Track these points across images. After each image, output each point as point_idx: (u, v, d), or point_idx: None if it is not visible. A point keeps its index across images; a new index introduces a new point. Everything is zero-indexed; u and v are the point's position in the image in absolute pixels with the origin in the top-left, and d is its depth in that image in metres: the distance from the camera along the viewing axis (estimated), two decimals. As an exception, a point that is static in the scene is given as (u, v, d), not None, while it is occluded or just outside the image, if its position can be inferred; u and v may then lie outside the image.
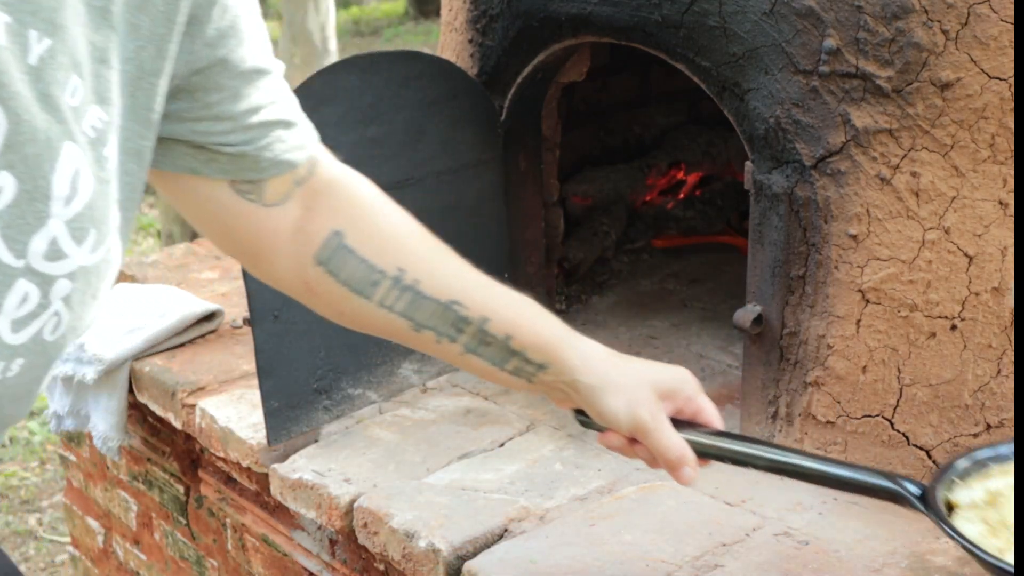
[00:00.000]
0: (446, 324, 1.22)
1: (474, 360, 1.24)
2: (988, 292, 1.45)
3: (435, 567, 1.42)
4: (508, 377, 1.25)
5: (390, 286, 1.21)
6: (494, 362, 1.24)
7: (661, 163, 2.57)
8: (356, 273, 1.20)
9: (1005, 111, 1.39)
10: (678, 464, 1.20)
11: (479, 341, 1.22)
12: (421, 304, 1.21)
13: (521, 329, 1.22)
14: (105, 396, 2.08)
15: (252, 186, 1.12)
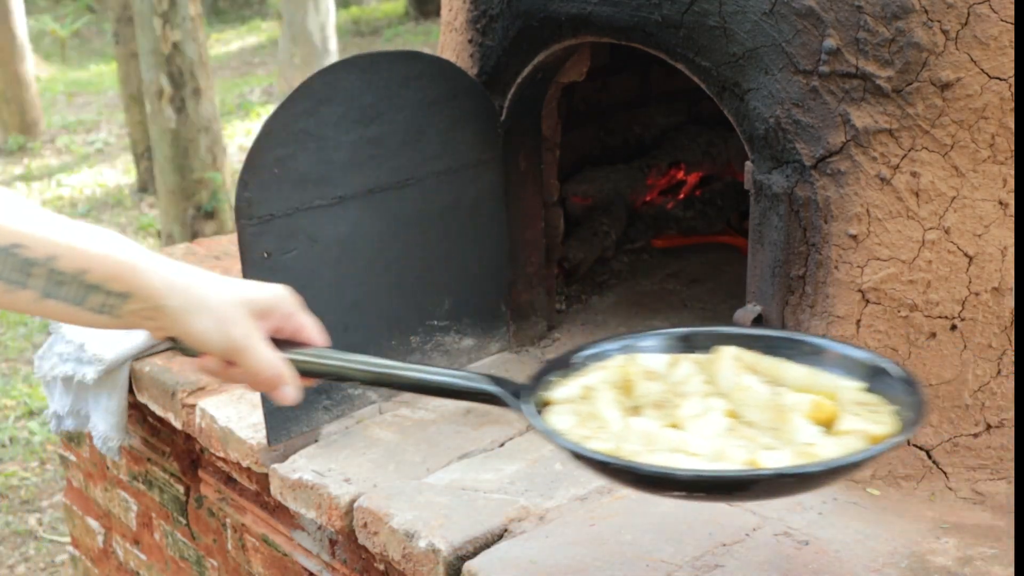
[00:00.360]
0: (10, 270, 1.12)
1: (52, 304, 1.15)
2: (988, 292, 1.45)
3: (435, 567, 1.42)
4: (93, 316, 1.16)
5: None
6: (73, 301, 1.15)
7: (661, 163, 2.57)
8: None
9: (1005, 111, 1.39)
10: (275, 383, 1.17)
11: (52, 282, 1.14)
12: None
13: (94, 261, 1.15)
14: (105, 396, 2.08)
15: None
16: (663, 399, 1.28)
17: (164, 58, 5.63)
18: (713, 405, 1.25)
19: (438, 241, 1.87)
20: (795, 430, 1.19)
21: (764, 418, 1.23)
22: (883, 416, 1.18)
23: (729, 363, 1.30)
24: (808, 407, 1.22)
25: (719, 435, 1.21)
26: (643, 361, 1.33)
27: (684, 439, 1.19)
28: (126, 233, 6.32)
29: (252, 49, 11.72)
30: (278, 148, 1.63)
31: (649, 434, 1.20)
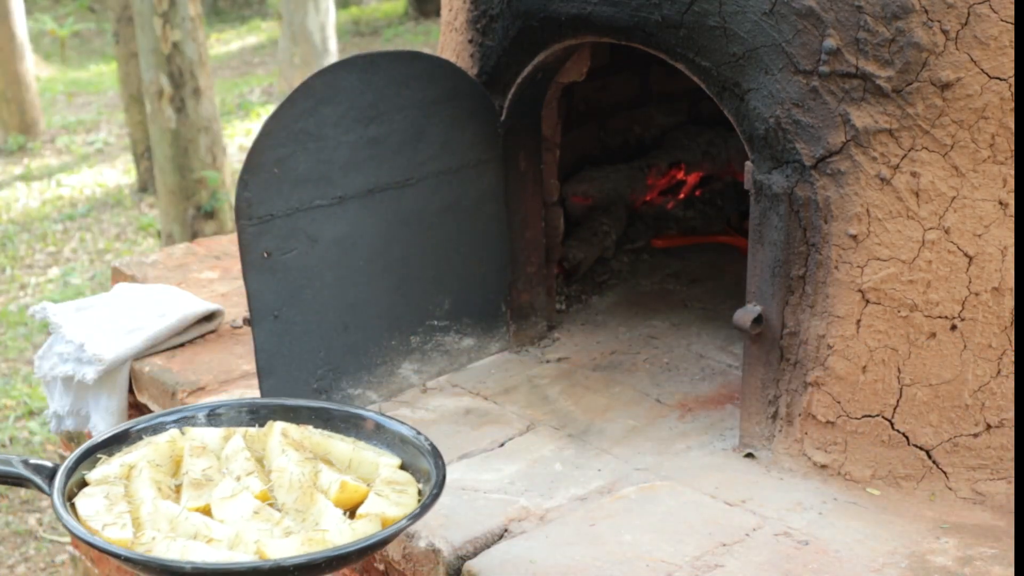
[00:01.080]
0: None
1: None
2: (988, 292, 1.45)
3: (435, 567, 1.42)
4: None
5: None
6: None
7: (661, 163, 2.57)
8: None
9: (1005, 111, 1.39)
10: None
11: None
12: None
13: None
14: (105, 396, 2.08)
15: None
16: (205, 477, 1.27)
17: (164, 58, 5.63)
18: (248, 485, 1.25)
19: (438, 241, 1.87)
20: (320, 513, 1.21)
21: (293, 499, 1.24)
22: (407, 496, 1.22)
23: (276, 439, 1.30)
24: (336, 489, 1.24)
25: (246, 518, 1.20)
26: (194, 435, 1.33)
27: (207, 524, 1.18)
28: (126, 233, 6.33)
29: (252, 49, 11.72)
30: (278, 148, 1.63)
31: (173, 518, 1.18)
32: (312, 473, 1.26)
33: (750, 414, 1.62)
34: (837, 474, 1.54)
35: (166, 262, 2.58)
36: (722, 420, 1.74)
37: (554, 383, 1.90)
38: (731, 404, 1.78)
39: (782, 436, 1.58)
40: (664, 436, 1.71)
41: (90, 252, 6.01)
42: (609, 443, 1.69)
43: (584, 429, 1.73)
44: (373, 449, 1.31)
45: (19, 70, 8.12)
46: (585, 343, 2.05)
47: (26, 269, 5.81)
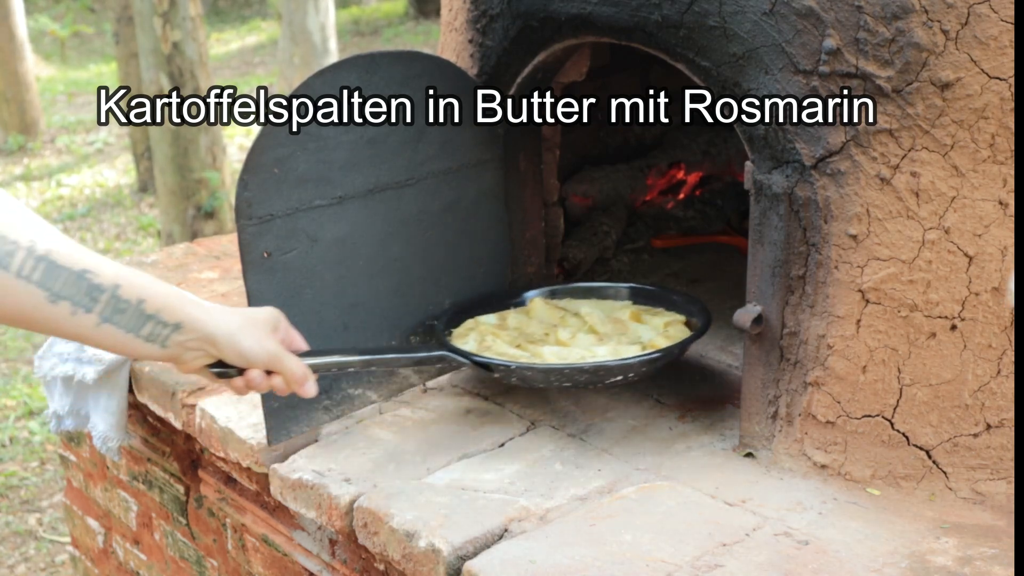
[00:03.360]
0: (80, 293, 1.25)
1: (108, 330, 1.29)
2: (988, 292, 1.45)
3: (435, 567, 1.42)
4: (142, 344, 1.32)
5: (25, 256, 1.22)
6: (128, 328, 1.29)
7: (661, 163, 2.57)
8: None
9: (1005, 111, 1.39)
10: (304, 380, 1.43)
11: (113, 309, 1.28)
12: (56, 273, 1.24)
13: (151, 292, 1.30)
14: (105, 396, 2.08)
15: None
16: (527, 337, 1.85)
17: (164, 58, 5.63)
18: (575, 326, 1.89)
19: (438, 241, 1.87)
20: (636, 333, 1.84)
21: (611, 328, 1.86)
22: (678, 319, 1.87)
23: (544, 306, 1.96)
24: (629, 316, 1.90)
25: (593, 344, 1.80)
26: (485, 320, 1.92)
27: (591, 351, 1.77)
28: (126, 233, 6.33)
29: (252, 49, 11.72)
30: (278, 148, 1.63)
31: (559, 352, 1.77)
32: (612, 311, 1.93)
33: (750, 414, 1.62)
34: (837, 474, 1.54)
35: (166, 262, 2.58)
36: (722, 420, 1.74)
37: (554, 383, 1.90)
38: (731, 404, 1.78)
39: (782, 436, 1.58)
40: (664, 436, 1.71)
41: (90, 252, 5.99)
42: (609, 443, 1.69)
43: (584, 429, 1.73)
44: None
45: (19, 70, 8.12)
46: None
47: (26, 269, 5.78)
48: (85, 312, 1.27)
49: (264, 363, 1.40)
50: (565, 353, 1.76)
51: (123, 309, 1.28)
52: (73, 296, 1.25)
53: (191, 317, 1.34)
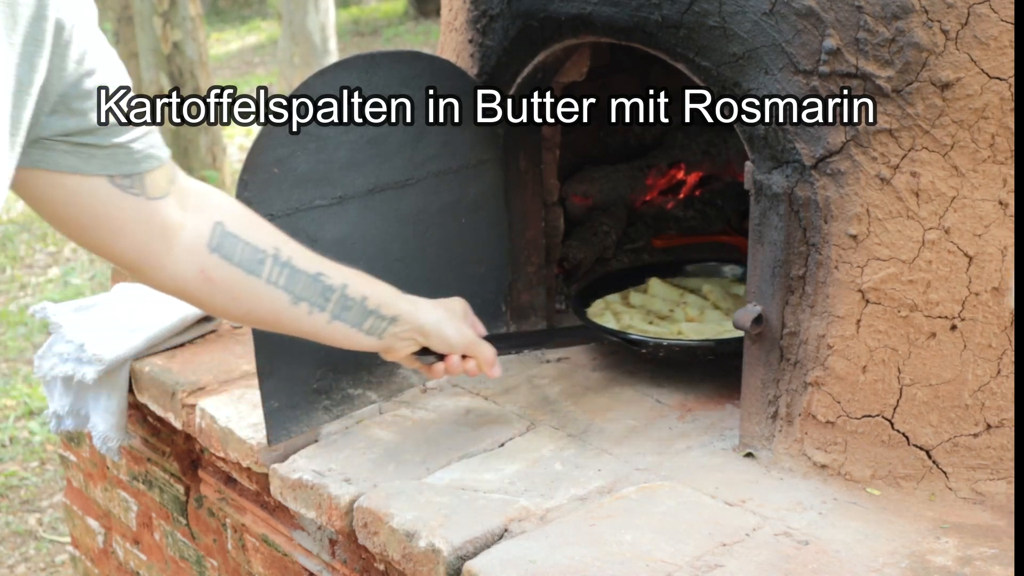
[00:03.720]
0: (316, 294, 1.43)
1: (338, 326, 1.48)
2: (988, 292, 1.45)
3: (435, 567, 1.42)
4: (363, 337, 1.51)
5: (272, 263, 1.39)
6: (354, 324, 1.49)
7: (661, 163, 2.57)
8: (245, 254, 1.37)
9: (1005, 111, 1.39)
10: (494, 362, 1.65)
11: (342, 307, 1.46)
12: (297, 277, 1.41)
13: (372, 290, 1.50)
14: (105, 396, 2.08)
15: (131, 180, 1.25)
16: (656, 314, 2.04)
17: (164, 58, 5.63)
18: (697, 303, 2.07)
19: (438, 241, 1.87)
20: None
21: (732, 304, 2.01)
22: None
23: (661, 284, 2.14)
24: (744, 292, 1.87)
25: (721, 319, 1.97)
26: (612, 299, 2.11)
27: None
28: (126, 233, 6.32)
29: (252, 49, 11.72)
30: (278, 148, 1.63)
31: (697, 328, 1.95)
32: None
33: (750, 414, 1.62)
34: (837, 474, 1.54)
35: (166, 262, 2.58)
36: (722, 420, 1.74)
37: (554, 383, 1.90)
38: (731, 404, 1.79)
39: (782, 436, 1.58)
40: (664, 436, 1.71)
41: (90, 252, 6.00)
42: (609, 443, 1.69)
43: (584, 429, 1.73)
44: None
45: (19, 70, 8.10)
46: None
47: (26, 269, 5.81)
48: (320, 311, 1.45)
49: (463, 349, 1.60)
50: (702, 328, 1.94)
51: (350, 307, 1.47)
52: (311, 297, 1.43)
53: (404, 311, 1.53)
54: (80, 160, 1.19)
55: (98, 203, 1.24)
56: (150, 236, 1.30)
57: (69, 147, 1.18)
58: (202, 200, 1.37)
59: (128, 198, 1.25)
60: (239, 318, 1.46)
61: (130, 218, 1.27)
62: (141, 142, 1.24)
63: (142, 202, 1.27)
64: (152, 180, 1.27)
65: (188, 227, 1.34)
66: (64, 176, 1.20)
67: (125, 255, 1.32)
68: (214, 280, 1.36)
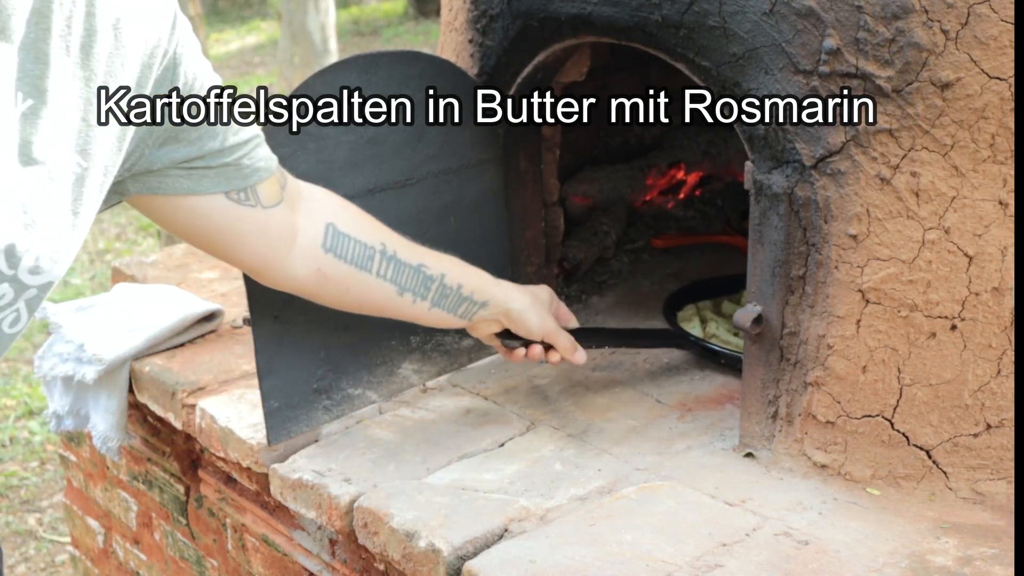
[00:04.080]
0: (418, 284, 1.54)
1: (436, 312, 1.59)
2: (988, 292, 1.45)
3: (435, 567, 1.42)
4: (455, 320, 1.62)
5: (380, 258, 1.50)
6: (450, 309, 1.59)
7: (661, 163, 2.57)
8: (356, 252, 1.48)
9: (1005, 111, 1.39)
10: (575, 349, 1.72)
11: (441, 295, 1.57)
12: (402, 270, 1.52)
13: (466, 278, 1.60)
14: (105, 396, 2.08)
15: (245, 193, 1.33)
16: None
17: (164, 58, 5.60)
18: None
19: (438, 241, 1.86)
20: None
21: None
22: None
23: None
24: None
25: None
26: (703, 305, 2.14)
27: None
28: (126, 233, 6.32)
29: (252, 49, 11.72)
30: (278, 148, 1.62)
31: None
32: None
33: (750, 414, 1.62)
34: (837, 474, 1.54)
35: (166, 262, 2.58)
36: (722, 420, 1.74)
37: (554, 383, 1.90)
38: (731, 404, 1.79)
39: (782, 436, 1.58)
40: (664, 436, 1.71)
41: (90, 252, 6.01)
42: (609, 443, 1.69)
43: (584, 429, 1.73)
44: None
45: (19, 70, 8.09)
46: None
47: (26, 269, 5.78)
48: (421, 300, 1.56)
49: (541, 336, 1.67)
50: None
51: (447, 294, 1.57)
52: (414, 288, 1.54)
53: (495, 296, 1.63)
54: (193, 182, 1.28)
55: (218, 218, 1.33)
56: (270, 242, 1.40)
57: (182, 172, 1.27)
58: (312, 202, 1.47)
59: (245, 210, 1.34)
60: (349, 307, 1.55)
61: (249, 228, 1.36)
62: (249, 157, 1.32)
63: (258, 212, 1.36)
64: (265, 190, 1.36)
65: (303, 230, 1.44)
66: (182, 198, 1.28)
67: (249, 262, 1.43)
68: (329, 277, 1.47)
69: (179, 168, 1.27)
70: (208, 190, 1.30)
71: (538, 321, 1.66)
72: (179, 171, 1.27)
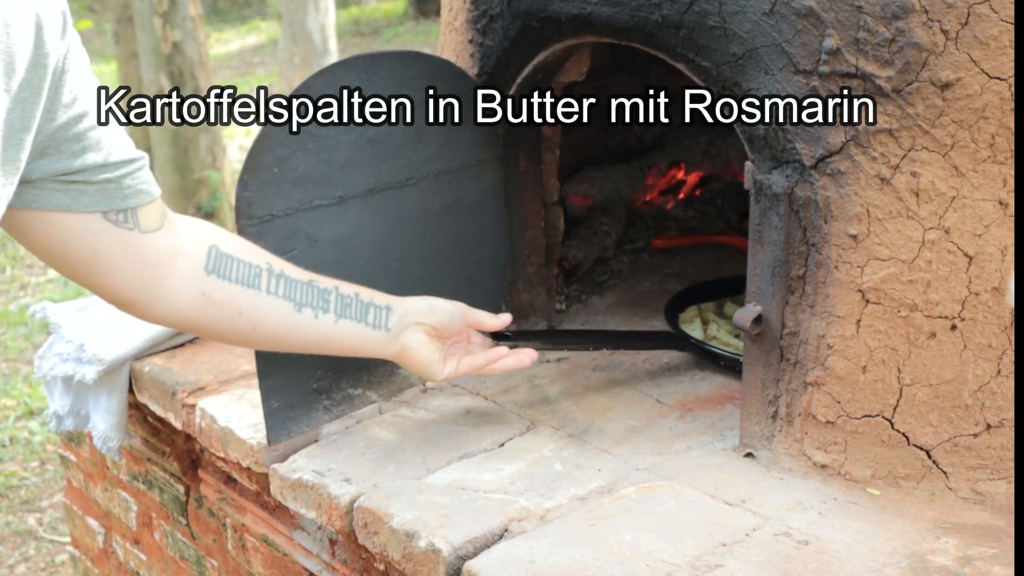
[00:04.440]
0: (315, 298, 1.48)
1: (345, 325, 1.51)
2: (988, 292, 1.45)
3: (435, 567, 1.42)
4: (371, 332, 1.54)
5: (268, 275, 1.44)
6: (358, 318, 1.52)
7: (661, 163, 2.57)
8: (241, 272, 1.42)
9: (1005, 111, 1.39)
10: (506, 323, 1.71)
11: (343, 305, 1.50)
12: (294, 286, 1.46)
13: (360, 288, 1.55)
14: (105, 396, 2.08)
15: (124, 215, 1.27)
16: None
17: (164, 58, 5.62)
18: None
19: (438, 241, 1.87)
20: None
21: None
22: None
23: None
24: None
25: None
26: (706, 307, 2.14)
27: None
28: (126, 233, 6.32)
29: (252, 49, 11.72)
30: (278, 148, 1.63)
31: None
32: None
33: (750, 414, 1.62)
34: (837, 474, 1.54)
35: (166, 262, 2.58)
36: (722, 420, 1.74)
37: (554, 383, 1.90)
38: (731, 404, 1.79)
39: (782, 436, 1.58)
40: (664, 436, 1.71)
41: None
42: (609, 443, 1.69)
43: (584, 429, 1.73)
44: None
45: (19, 70, 8.10)
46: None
47: (26, 269, 5.81)
48: (324, 313, 1.48)
49: (462, 315, 1.62)
50: None
51: (348, 303, 1.51)
52: (312, 302, 1.47)
53: (393, 299, 1.58)
54: (70, 198, 1.21)
55: (92, 239, 1.26)
56: (146, 269, 1.33)
57: (59, 185, 1.20)
58: (192, 229, 1.41)
59: (123, 233, 1.27)
60: (246, 336, 1.46)
61: (125, 253, 1.29)
62: (132, 178, 1.26)
63: (136, 236, 1.29)
64: (145, 215, 1.30)
65: (184, 254, 1.37)
66: (57, 215, 1.21)
67: (121, 290, 1.35)
68: (215, 300, 1.40)
69: (57, 181, 1.20)
70: (85, 207, 1.23)
71: (451, 306, 1.61)
72: (57, 184, 1.20)
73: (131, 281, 1.33)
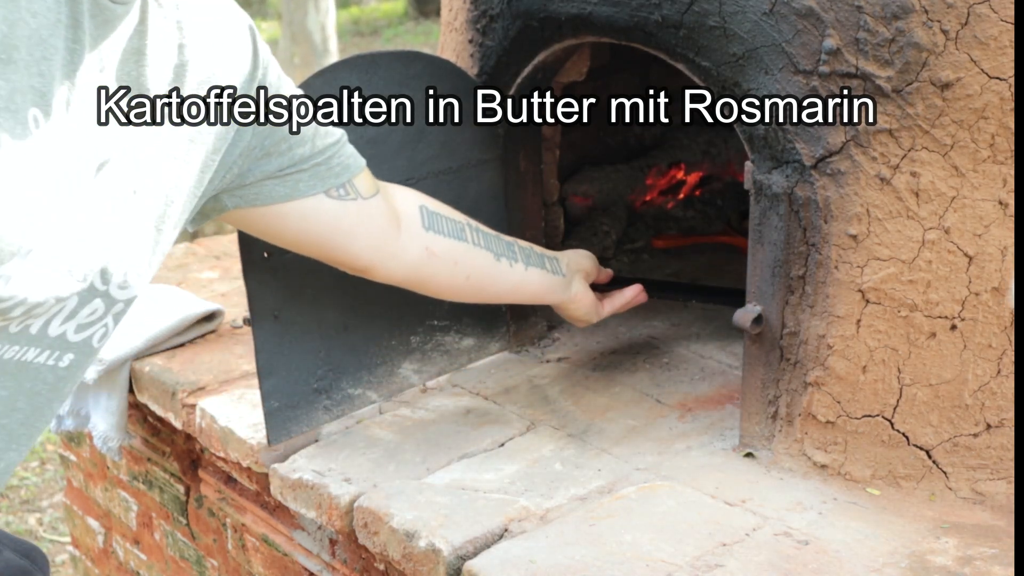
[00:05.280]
0: (506, 248, 1.61)
1: (533, 272, 1.65)
2: (988, 292, 1.45)
3: (435, 567, 1.42)
4: (550, 277, 1.69)
5: (471, 230, 1.58)
6: (542, 266, 1.67)
7: (661, 163, 2.57)
8: (450, 227, 1.56)
9: (1005, 111, 1.39)
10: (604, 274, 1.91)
11: (525, 255, 1.64)
12: (489, 238, 1.60)
13: (526, 242, 1.70)
14: (105, 396, 2.08)
15: (344, 189, 1.38)
16: None
17: (164, 58, 5.59)
18: None
19: (438, 241, 1.87)
20: None
21: None
22: None
23: None
24: None
25: None
26: None
27: None
28: (126, 233, 6.32)
29: (252, 49, 11.69)
30: (278, 148, 1.62)
31: None
32: None
33: (750, 414, 1.62)
34: (837, 474, 1.54)
35: (166, 262, 2.58)
36: (722, 420, 1.74)
37: (554, 383, 1.90)
38: (731, 404, 1.79)
39: (782, 436, 1.58)
40: (664, 436, 1.71)
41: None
42: (609, 443, 1.69)
43: (584, 429, 1.73)
44: None
45: (19, 70, 8.10)
46: (585, 343, 2.05)
47: (26, 269, 5.78)
48: (515, 262, 1.61)
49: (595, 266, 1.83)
50: None
51: (528, 254, 1.64)
52: (505, 252, 1.60)
53: (554, 252, 1.73)
54: (289, 187, 1.32)
55: (324, 217, 1.36)
56: (377, 230, 1.45)
57: (275, 180, 1.31)
58: (401, 191, 1.54)
59: (347, 204, 1.38)
60: (459, 285, 1.58)
61: (357, 221, 1.40)
62: (339, 155, 1.37)
63: (360, 203, 1.41)
64: (361, 183, 1.42)
65: (404, 214, 1.50)
66: (282, 206, 1.33)
67: (361, 256, 1.47)
68: (436, 253, 1.53)
69: (272, 178, 1.30)
70: (305, 192, 1.33)
71: (591, 256, 1.83)
72: (273, 180, 1.31)
73: (367, 245, 1.45)
